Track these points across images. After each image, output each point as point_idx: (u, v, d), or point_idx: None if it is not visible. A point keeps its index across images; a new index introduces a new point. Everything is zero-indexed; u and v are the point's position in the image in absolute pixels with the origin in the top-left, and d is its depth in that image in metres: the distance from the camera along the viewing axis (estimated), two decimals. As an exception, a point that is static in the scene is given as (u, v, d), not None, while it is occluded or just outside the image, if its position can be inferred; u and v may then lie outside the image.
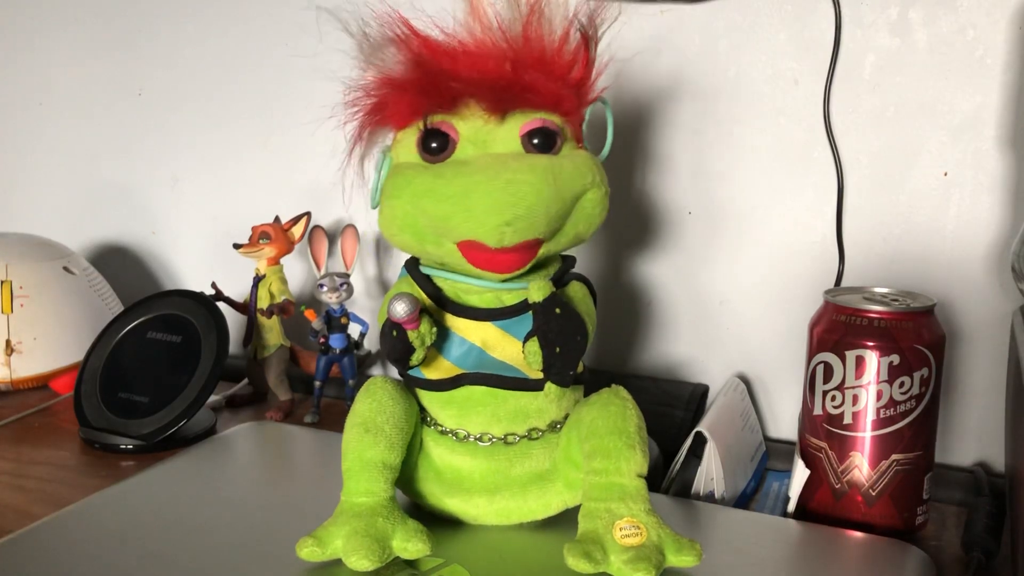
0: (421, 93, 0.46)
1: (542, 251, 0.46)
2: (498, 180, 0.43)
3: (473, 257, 0.46)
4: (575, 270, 0.51)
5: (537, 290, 0.45)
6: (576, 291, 0.49)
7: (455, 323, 0.48)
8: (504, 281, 0.47)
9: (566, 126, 0.47)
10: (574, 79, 0.47)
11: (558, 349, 0.45)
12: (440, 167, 0.46)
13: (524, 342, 0.46)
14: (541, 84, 0.45)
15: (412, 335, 0.45)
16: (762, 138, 0.70)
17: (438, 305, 0.48)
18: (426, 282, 0.49)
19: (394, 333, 0.45)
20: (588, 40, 0.47)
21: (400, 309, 0.44)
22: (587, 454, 0.47)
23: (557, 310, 0.45)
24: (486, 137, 0.46)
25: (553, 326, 0.45)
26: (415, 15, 0.46)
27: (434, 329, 0.47)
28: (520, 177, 0.44)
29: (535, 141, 0.46)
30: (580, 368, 0.50)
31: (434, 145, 0.46)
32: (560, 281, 0.49)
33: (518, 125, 0.46)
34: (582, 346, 0.46)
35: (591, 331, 0.47)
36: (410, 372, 0.49)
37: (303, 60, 0.83)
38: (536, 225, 0.44)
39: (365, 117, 0.48)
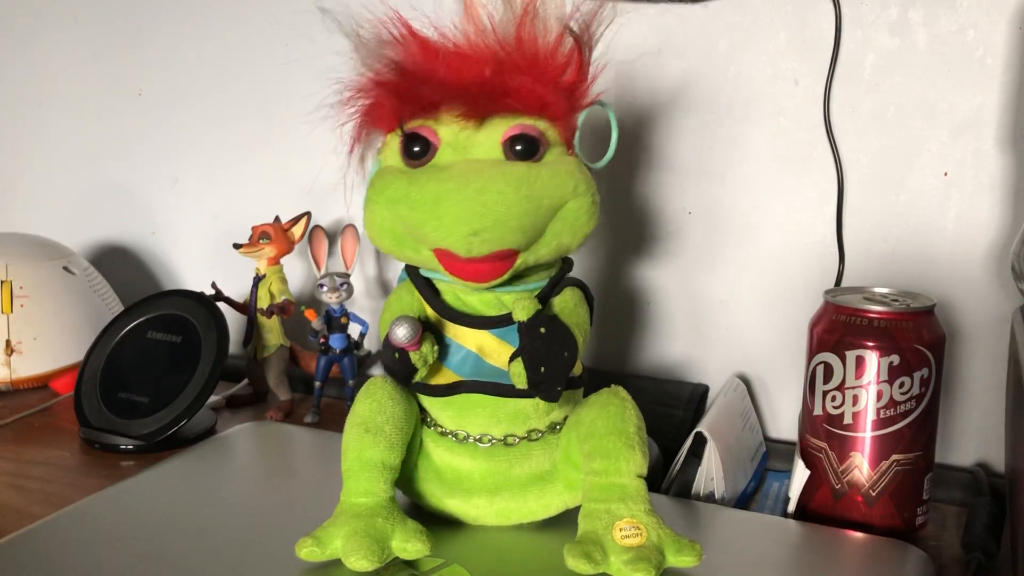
0: (399, 98, 0.45)
1: (519, 261, 0.45)
2: (468, 189, 0.42)
3: (448, 265, 0.45)
4: (573, 274, 0.50)
5: (521, 309, 0.45)
6: (567, 300, 0.48)
7: (452, 329, 0.48)
8: (490, 288, 0.47)
9: (553, 131, 0.46)
10: (566, 83, 0.46)
11: (543, 369, 0.44)
12: (417, 172, 0.45)
13: (509, 362, 0.45)
14: (525, 88, 0.44)
15: (414, 356, 0.46)
16: (762, 138, 0.70)
17: (436, 310, 0.48)
18: (425, 286, 0.49)
19: (396, 355, 0.45)
20: (581, 44, 0.46)
21: (401, 334, 0.44)
22: (587, 455, 0.47)
23: (542, 329, 0.44)
24: (466, 142, 0.45)
25: (537, 346, 0.44)
26: (412, 15, 0.46)
27: (435, 348, 0.47)
28: (491, 186, 0.42)
29: (517, 147, 0.45)
30: (579, 370, 0.50)
31: (416, 149, 0.45)
32: (555, 287, 0.49)
33: (500, 130, 0.45)
34: (570, 362, 0.45)
35: (582, 343, 0.47)
36: None
37: (303, 60, 0.83)
38: (507, 235, 0.43)
39: (360, 118, 0.47)
